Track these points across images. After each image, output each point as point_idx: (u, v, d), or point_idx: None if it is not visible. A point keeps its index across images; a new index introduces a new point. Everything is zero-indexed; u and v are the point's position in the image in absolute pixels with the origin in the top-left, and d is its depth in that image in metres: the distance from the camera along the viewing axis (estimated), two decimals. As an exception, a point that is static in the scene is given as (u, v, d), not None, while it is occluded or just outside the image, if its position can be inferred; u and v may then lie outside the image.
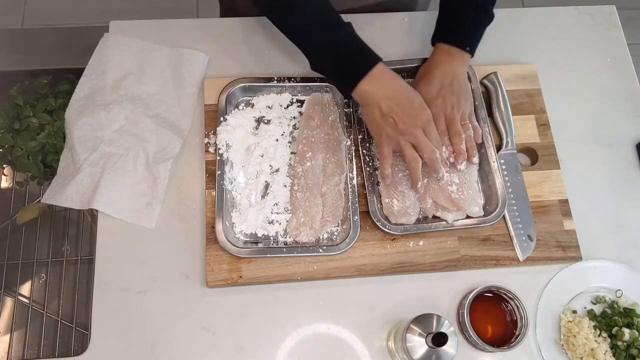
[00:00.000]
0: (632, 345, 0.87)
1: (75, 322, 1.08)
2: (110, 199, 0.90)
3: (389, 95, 0.85)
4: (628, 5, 1.74)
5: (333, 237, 0.91)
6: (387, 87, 0.86)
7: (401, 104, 0.85)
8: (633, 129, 1.05)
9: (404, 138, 0.85)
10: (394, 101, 0.85)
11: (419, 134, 0.85)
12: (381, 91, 0.85)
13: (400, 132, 0.85)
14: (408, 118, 0.85)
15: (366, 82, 0.85)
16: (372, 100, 0.86)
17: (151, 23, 1.06)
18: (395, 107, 0.85)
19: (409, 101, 0.86)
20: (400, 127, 0.85)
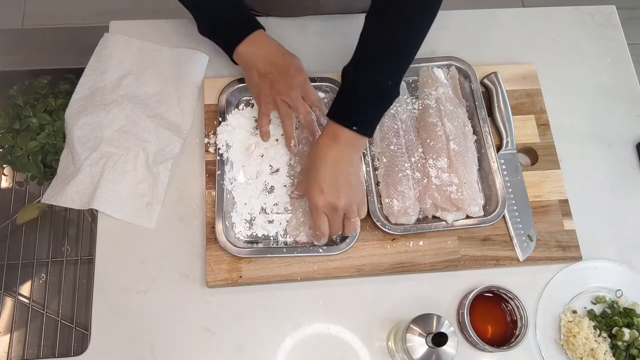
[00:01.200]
0: (632, 345, 0.87)
1: (75, 322, 1.08)
2: (110, 199, 0.90)
3: (267, 58, 0.90)
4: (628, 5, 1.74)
5: (333, 237, 0.91)
6: (265, 49, 0.91)
7: (278, 66, 0.89)
8: (633, 129, 1.05)
9: (280, 97, 0.89)
10: (271, 63, 0.89)
11: (294, 95, 0.89)
12: (259, 53, 0.90)
13: (277, 92, 0.89)
14: (284, 79, 0.89)
15: (245, 44, 0.90)
16: (250, 62, 0.90)
17: (151, 23, 1.06)
18: (272, 68, 0.89)
19: (285, 63, 0.90)
20: (276, 87, 0.89)
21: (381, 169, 0.94)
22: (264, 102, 0.91)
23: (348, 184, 0.82)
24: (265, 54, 0.90)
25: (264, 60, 0.90)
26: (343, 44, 1.07)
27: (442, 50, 1.06)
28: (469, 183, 0.92)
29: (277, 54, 0.91)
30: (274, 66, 0.89)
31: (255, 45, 0.91)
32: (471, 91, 0.99)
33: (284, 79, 0.89)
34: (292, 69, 0.90)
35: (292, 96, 0.89)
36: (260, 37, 0.92)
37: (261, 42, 0.91)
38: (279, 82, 0.89)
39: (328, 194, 0.80)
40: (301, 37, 1.07)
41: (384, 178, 0.93)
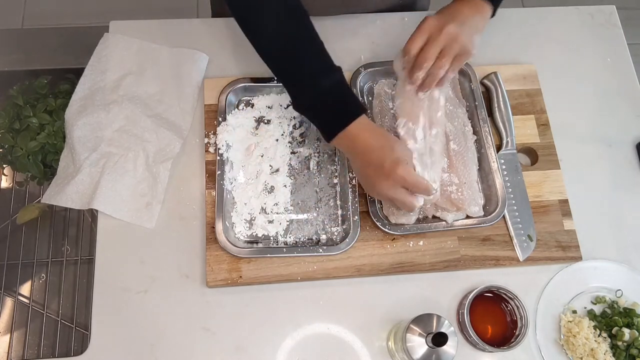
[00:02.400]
0: (632, 345, 0.87)
1: (75, 322, 1.08)
2: (110, 199, 0.90)
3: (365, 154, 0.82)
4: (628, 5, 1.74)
5: (333, 237, 0.91)
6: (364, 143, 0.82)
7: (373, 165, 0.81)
8: (633, 129, 1.05)
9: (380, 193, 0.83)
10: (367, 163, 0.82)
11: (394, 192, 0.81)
12: (358, 148, 0.82)
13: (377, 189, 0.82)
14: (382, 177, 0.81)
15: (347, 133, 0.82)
16: (351, 153, 0.84)
17: (151, 23, 1.06)
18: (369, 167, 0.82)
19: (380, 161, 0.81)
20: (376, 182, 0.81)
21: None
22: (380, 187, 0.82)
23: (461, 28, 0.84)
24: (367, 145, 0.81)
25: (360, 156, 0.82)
26: (343, 44, 1.07)
27: (442, 50, 1.06)
28: (469, 183, 0.92)
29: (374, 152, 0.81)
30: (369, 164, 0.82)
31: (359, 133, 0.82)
32: (471, 91, 0.99)
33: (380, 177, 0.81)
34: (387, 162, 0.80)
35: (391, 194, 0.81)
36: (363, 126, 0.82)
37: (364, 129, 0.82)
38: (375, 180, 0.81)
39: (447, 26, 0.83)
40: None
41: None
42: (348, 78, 1.00)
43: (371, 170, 0.82)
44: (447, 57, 0.84)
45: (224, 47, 1.05)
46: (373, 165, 0.81)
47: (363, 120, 0.83)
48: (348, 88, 0.84)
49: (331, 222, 0.92)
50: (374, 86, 1.01)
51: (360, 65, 1.00)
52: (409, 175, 0.80)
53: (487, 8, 0.89)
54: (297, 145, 0.98)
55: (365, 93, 1.01)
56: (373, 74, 1.01)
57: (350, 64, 1.03)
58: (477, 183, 0.94)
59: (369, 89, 1.02)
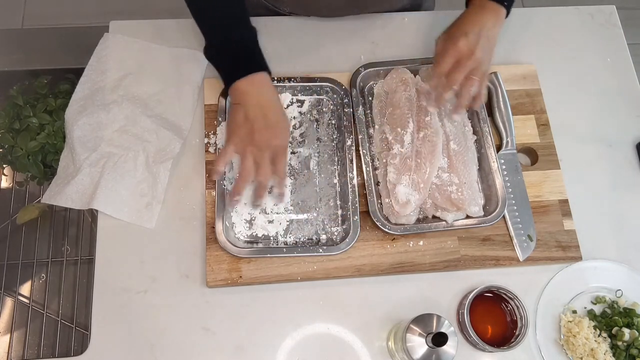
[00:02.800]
0: (632, 345, 0.87)
1: (75, 322, 1.08)
2: (110, 199, 0.90)
3: (261, 104, 0.86)
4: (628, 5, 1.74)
5: (333, 237, 0.91)
6: (262, 95, 0.86)
7: (268, 118, 0.85)
8: (633, 129, 1.05)
9: (251, 148, 0.85)
10: (263, 113, 0.85)
11: (266, 155, 0.85)
12: (255, 96, 0.86)
13: (252, 141, 0.85)
14: (267, 134, 0.85)
15: (245, 82, 0.86)
16: (243, 100, 0.86)
17: (151, 23, 1.06)
18: (262, 118, 0.85)
19: (276, 119, 0.86)
20: (254, 137, 0.84)
21: (381, 169, 0.94)
22: (234, 142, 0.85)
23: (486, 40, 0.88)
24: (261, 100, 0.86)
25: (256, 105, 0.86)
26: (344, 44, 1.07)
27: (442, 50, 1.06)
28: (469, 183, 0.92)
29: (273, 107, 0.87)
30: (264, 116, 0.85)
31: (255, 86, 0.87)
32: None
33: (267, 134, 0.85)
34: (279, 128, 0.87)
35: (264, 154, 0.85)
36: (262, 80, 0.87)
37: (262, 86, 0.87)
38: (260, 133, 0.84)
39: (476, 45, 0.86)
40: (301, 36, 1.07)
41: (383, 178, 0.93)
42: (348, 78, 1.00)
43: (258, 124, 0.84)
44: (474, 81, 0.87)
45: (224, 47, 1.05)
46: (262, 123, 0.85)
47: (266, 76, 0.88)
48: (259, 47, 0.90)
49: (331, 222, 0.92)
50: (374, 86, 1.01)
51: (360, 65, 1.00)
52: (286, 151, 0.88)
53: (503, 12, 0.91)
54: (297, 145, 0.98)
55: (365, 93, 1.01)
56: (373, 74, 1.01)
57: (350, 64, 1.03)
58: (477, 183, 0.94)
59: (369, 89, 1.02)
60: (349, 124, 0.96)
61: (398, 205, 0.89)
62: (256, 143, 0.85)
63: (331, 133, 0.99)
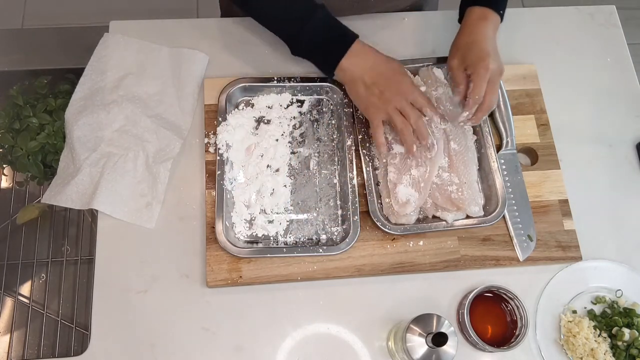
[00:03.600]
0: (632, 345, 0.87)
1: (75, 322, 1.08)
2: (110, 199, 0.90)
3: (370, 67, 0.88)
4: (628, 5, 1.74)
5: (333, 237, 0.91)
6: (368, 60, 0.88)
7: (383, 74, 0.88)
8: (633, 129, 1.05)
9: (391, 106, 0.87)
10: (376, 72, 0.88)
11: (404, 101, 0.87)
12: (362, 65, 0.88)
13: (386, 100, 0.87)
14: (392, 86, 0.87)
15: (346, 59, 0.88)
16: (354, 75, 0.88)
17: (151, 23, 1.06)
18: (378, 77, 0.87)
19: (391, 70, 0.89)
20: (386, 96, 0.87)
21: (381, 169, 0.94)
22: (375, 114, 0.88)
23: (495, 52, 0.91)
24: (369, 64, 0.88)
25: (368, 70, 0.88)
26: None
27: (443, 51, 1.06)
28: (469, 183, 0.92)
29: (380, 61, 0.89)
30: (380, 75, 0.88)
31: (356, 57, 0.88)
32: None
33: (392, 86, 0.87)
34: (397, 74, 0.88)
35: (402, 103, 0.87)
36: (360, 48, 0.89)
37: (362, 52, 0.89)
38: (387, 90, 0.87)
39: (497, 60, 0.89)
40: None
41: (383, 178, 0.93)
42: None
43: (381, 83, 0.87)
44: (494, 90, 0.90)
45: (224, 47, 1.05)
46: (383, 74, 0.87)
47: (360, 42, 0.89)
48: (335, 18, 0.90)
49: (331, 222, 0.92)
50: (374, 86, 1.01)
51: (360, 65, 1.00)
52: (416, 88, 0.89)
53: (498, 19, 0.93)
54: (297, 145, 0.98)
55: (365, 93, 1.01)
56: (373, 74, 1.01)
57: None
58: (477, 183, 0.94)
59: (369, 89, 1.02)
60: (349, 124, 0.96)
61: (398, 205, 0.89)
62: (390, 100, 0.87)
63: (331, 133, 0.99)
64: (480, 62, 0.88)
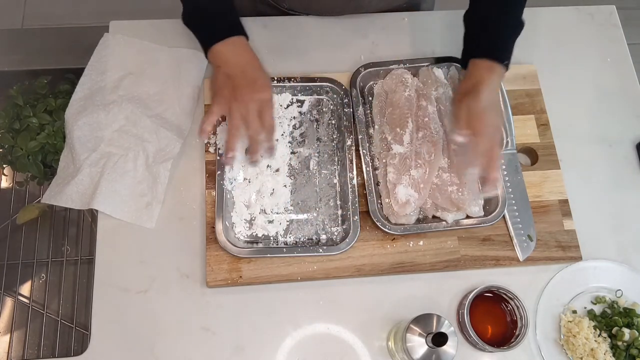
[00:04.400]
0: (632, 345, 0.87)
1: (75, 322, 1.08)
2: (110, 199, 0.90)
3: (239, 63, 0.86)
4: (628, 5, 1.74)
5: (333, 237, 0.91)
6: (242, 57, 0.87)
7: (247, 74, 0.86)
8: (633, 129, 1.05)
9: (236, 104, 0.84)
10: (242, 69, 0.86)
11: (252, 107, 0.84)
12: (234, 58, 0.87)
13: (235, 98, 0.84)
14: (248, 89, 0.85)
15: (223, 44, 0.86)
16: (221, 62, 0.87)
17: (151, 23, 1.06)
18: (241, 74, 0.85)
19: (255, 75, 0.86)
20: (237, 93, 0.84)
21: (381, 169, 0.94)
22: (218, 102, 0.86)
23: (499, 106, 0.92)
24: (239, 60, 0.87)
25: (235, 65, 0.86)
26: (343, 44, 1.07)
27: (442, 51, 1.06)
28: (469, 183, 0.92)
29: (251, 63, 0.88)
30: (243, 73, 0.86)
31: (234, 48, 0.88)
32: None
33: (248, 88, 0.85)
34: (259, 82, 0.86)
35: (249, 108, 0.84)
36: (240, 43, 0.88)
37: (239, 47, 0.88)
38: (242, 88, 0.84)
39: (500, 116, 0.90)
40: (301, 36, 1.07)
41: (383, 178, 0.93)
42: (348, 78, 1.00)
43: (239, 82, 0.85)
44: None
45: (224, 47, 1.05)
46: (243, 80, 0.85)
47: (244, 39, 0.88)
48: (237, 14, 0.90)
49: (331, 222, 0.92)
50: (374, 86, 1.01)
51: (360, 65, 1.00)
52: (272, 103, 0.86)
53: (504, 71, 0.90)
54: (297, 145, 0.98)
55: (365, 93, 1.01)
56: (373, 74, 1.01)
57: (350, 64, 1.03)
58: (477, 183, 0.94)
59: (369, 89, 1.02)
60: (349, 124, 0.96)
61: (398, 205, 0.89)
62: (239, 98, 0.84)
63: (331, 133, 0.99)
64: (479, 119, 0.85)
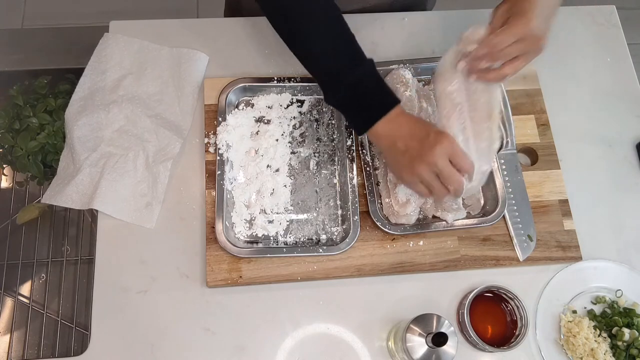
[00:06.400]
0: (632, 345, 0.87)
1: (75, 322, 1.08)
2: (110, 199, 0.90)
3: (407, 134, 0.80)
4: (628, 5, 1.74)
5: (333, 237, 0.91)
6: (405, 127, 0.81)
7: (416, 136, 0.80)
8: (633, 129, 1.05)
9: (416, 177, 0.80)
10: (410, 136, 0.80)
11: (441, 163, 0.78)
12: (399, 132, 0.80)
13: (414, 172, 0.80)
14: (424, 147, 0.78)
15: (383, 122, 0.80)
16: (389, 140, 0.81)
17: (151, 23, 1.06)
18: (411, 141, 0.80)
19: (425, 131, 0.80)
20: (414, 165, 0.79)
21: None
22: (406, 181, 0.83)
23: None
24: (405, 131, 0.80)
25: (404, 137, 0.80)
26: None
27: (442, 51, 1.05)
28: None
29: (418, 128, 0.81)
30: (413, 138, 0.79)
31: (394, 123, 0.81)
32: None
33: (424, 148, 0.78)
34: (432, 134, 0.79)
35: (439, 165, 0.77)
36: (398, 114, 0.81)
37: (399, 118, 0.81)
38: (416, 159, 0.79)
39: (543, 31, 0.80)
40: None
41: (383, 178, 0.93)
42: (348, 78, 1.00)
43: (413, 147, 0.79)
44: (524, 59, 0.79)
45: (224, 47, 1.05)
46: (415, 142, 0.79)
47: (401, 108, 0.82)
48: (380, 79, 0.82)
49: (331, 222, 0.92)
50: (374, 86, 1.01)
51: (360, 65, 1.00)
52: (455, 144, 0.78)
53: None
54: (297, 145, 0.98)
55: (365, 93, 1.01)
56: (373, 74, 1.01)
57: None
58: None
59: (369, 89, 1.02)
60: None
61: (398, 205, 0.89)
62: (417, 171, 0.79)
63: (331, 133, 0.99)
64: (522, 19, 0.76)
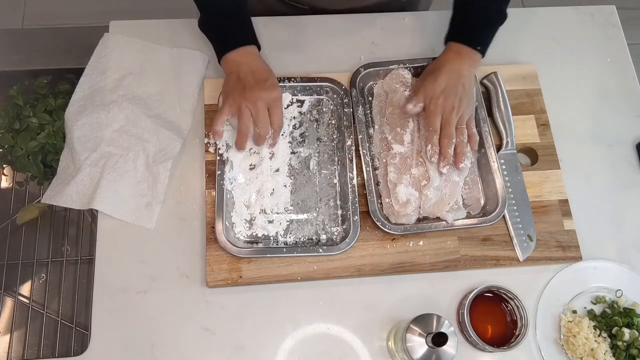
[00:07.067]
0: (632, 345, 0.87)
1: (75, 322, 1.08)
2: (110, 199, 0.90)
3: (250, 68, 0.91)
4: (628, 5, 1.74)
5: (333, 237, 0.91)
6: (252, 63, 0.92)
7: (256, 75, 0.91)
8: (633, 129, 1.05)
9: (245, 103, 0.88)
10: (252, 72, 0.91)
11: (260, 106, 0.88)
12: (245, 64, 0.92)
13: (245, 98, 0.88)
14: (257, 88, 0.89)
15: (235, 53, 0.92)
16: (233, 68, 0.92)
17: (151, 23, 1.06)
18: (250, 75, 0.90)
19: (264, 76, 0.91)
20: (247, 93, 0.88)
21: (381, 169, 0.94)
22: (229, 103, 0.89)
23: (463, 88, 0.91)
24: (251, 66, 0.92)
25: (247, 70, 0.91)
26: (343, 44, 1.07)
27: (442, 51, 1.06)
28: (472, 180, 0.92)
29: (261, 68, 0.92)
30: (253, 74, 0.90)
31: (245, 56, 0.93)
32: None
33: (257, 88, 0.89)
34: (268, 82, 0.90)
35: (257, 106, 0.88)
36: (252, 51, 0.93)
37: (251, 55, 0.93)
38: (251, 89, 0.89)
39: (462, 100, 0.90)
40: (301, 36, 1.07)
41: (384, 178, 0.93)
42: (348, 78, 1.00)
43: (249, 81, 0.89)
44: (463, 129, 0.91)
45: (224, 47, 1.05)
46: (252, 78, 0.90)
47: (256, 50, 0.94)
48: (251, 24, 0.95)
49: (331, 222, 0.92)
50: (374, 86, 1.01)
51: (360, 66, 1.01)
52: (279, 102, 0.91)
53: (479, 56, 0.94)
54: (297, 145, 0.98)
55: (365, 93, 1.01)
56: (373, 74, 1.01)
57: (350, 64, 1.03)
58: (479, 181, 0.95)
59: (369, 89, 1.02)
60: (349, 124, 0.96)
61: (398, 205, 0.89)
62: (249, 98, 0.88)
63: (331, 133, 0.99)
64: (432, 97, 0.90)
